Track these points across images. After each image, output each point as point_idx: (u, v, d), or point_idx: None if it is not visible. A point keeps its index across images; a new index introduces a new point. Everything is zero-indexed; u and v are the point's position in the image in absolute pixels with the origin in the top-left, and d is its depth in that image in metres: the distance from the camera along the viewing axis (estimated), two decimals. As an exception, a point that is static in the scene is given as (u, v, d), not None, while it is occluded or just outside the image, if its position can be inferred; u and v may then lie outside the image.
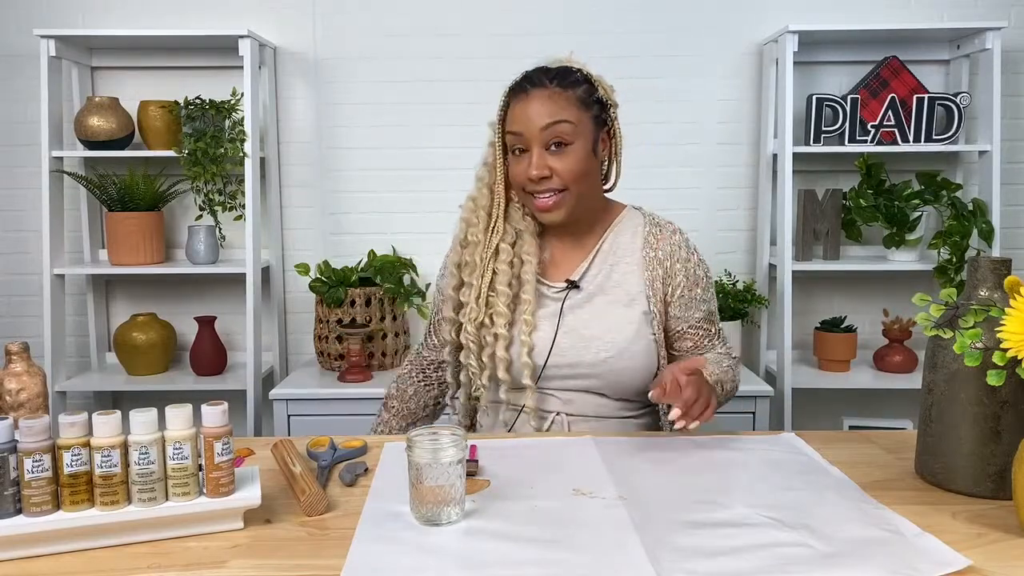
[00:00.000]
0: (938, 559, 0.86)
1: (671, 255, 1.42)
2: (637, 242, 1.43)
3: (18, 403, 1.15)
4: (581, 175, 1.35)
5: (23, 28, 2.44)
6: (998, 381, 0.93)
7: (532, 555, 0.88)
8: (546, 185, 1.34)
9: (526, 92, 1.35)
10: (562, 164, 1.33)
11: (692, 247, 1.45)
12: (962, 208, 2.31)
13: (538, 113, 1.32)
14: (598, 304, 1.40)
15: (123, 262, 2.36)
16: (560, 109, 1.33)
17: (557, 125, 1.32)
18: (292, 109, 2.53)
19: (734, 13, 2.48)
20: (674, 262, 1.42)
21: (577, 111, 1.34)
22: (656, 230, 1.44)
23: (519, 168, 1.35)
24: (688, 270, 1.42)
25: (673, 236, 1.44)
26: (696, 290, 1.42)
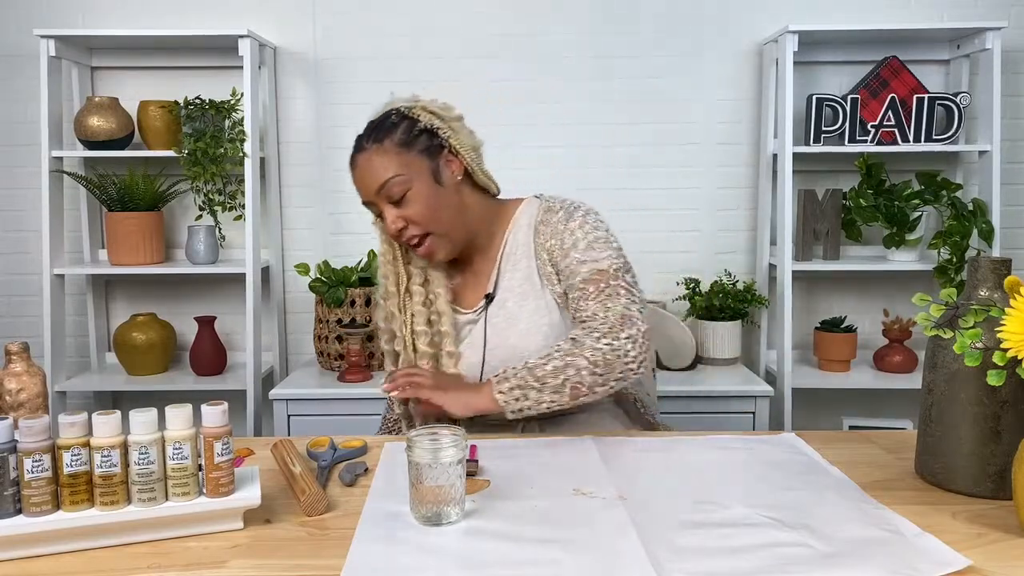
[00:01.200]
0: (938, 559, 0.86)
1: (552, 234, 1.38)
2: (530, 232, 1.41)
3: (18, 403, 1.15)
4: (434, 213, 1.34)
5: (23, 28, 2.44)
6: (998, 381, 0.93)
7: (532, 555, 0.88)
8: (409, 233, 1.35)
9: (354, 161, 1.38)
10: (410, 210, 1.33)
11: (573, 215, 1.38)
12: (962, 208, 2.31)
13: (366, 179, 1.35)
14: (513, 310, 1.38)
15: (123, 262, 2.36)
16: (382, 167, 1.33)
17: (385, 185, 1.33)
18: (292, 109, 2.53)
19: (734, 13, 2.48)
20: (551, 238, 1.37)
21: (400, 158, 1.34)
22: (546, 216, 1.40)
23: (386, 227, 1.38)
24: (564, 240, 1.36)
25: (556, 215, 1.39)
26: (572, 254, 1.35)
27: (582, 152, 2.52)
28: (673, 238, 2.56)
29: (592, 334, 1.26)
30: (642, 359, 1.28)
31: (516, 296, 1.39)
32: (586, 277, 1.32)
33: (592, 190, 2.53)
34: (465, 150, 1.38)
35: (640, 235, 2.55)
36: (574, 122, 2.51)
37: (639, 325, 1.28)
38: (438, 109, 1.39)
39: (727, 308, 2.39)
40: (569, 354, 1.25)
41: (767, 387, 2.22)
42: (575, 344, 1.26)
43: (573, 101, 2.51)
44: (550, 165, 2.52)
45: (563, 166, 2.53)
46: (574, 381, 1.24)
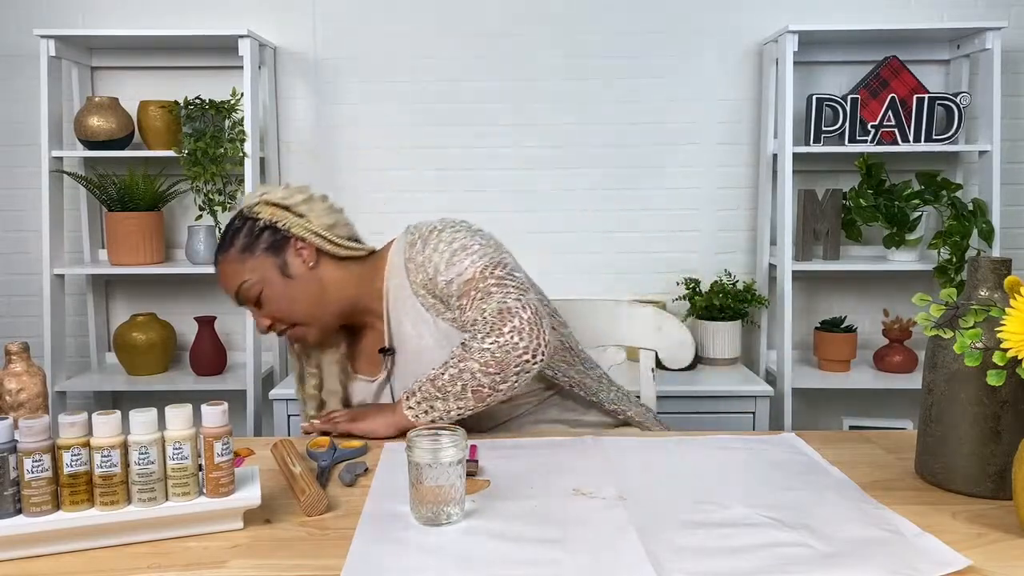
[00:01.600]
0: (938, 559, 0.86)
1: (418, 269, 1.35)
2: (404, 274, 1.38)
3: (18, 403, 1.15)
4: (291, 306, 1.36)
5: (23, 28, 2.44)
6: (998, 381, 0.93)
7: (532, 555, 0.88)
8: (277, 329, 1.38)
9: (215, 268, 1.42)
10: (269, 310, 1.37)
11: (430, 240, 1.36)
12: (962, 208, 2.31)
13: (225, 287, 1.40)
14: (415, 354, 1.37)
15: (123, 262, 2.36)
16: (232, 275, 1.37)
17: (239, 291, 1.37)
18: (292, 109, 2.53)
19: (734, 13, 2.48)
20: (422, 274, 1.35)
21: (245, 264, 1.36)
22: (410, 252, 1.37)
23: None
24: (428, 270, 1.34)
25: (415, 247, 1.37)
26: (439, 279, 1.33)
27: (582, 152, 2.52)
28: (673, 238, 2.56)
29: (476, 336, 1.25)
30: (536, 345, 1.24)
31: (413, 339, 1.37)
32: (459, 292, 1.31)
33: (592, 190, 2.54)
34: (312, 234, 1.37)
35: (640, 235, 2.55)
36: (574, 121, 2.51)
37: (521, 314, 1.24)
38: (280, 200, 1.38)
39: (727, 308, 2.39)
40: (461, 360, 1.24)
41: (767, 387, 2.22)
42: (464, 349, 1.25)
43: (572, 101, 2.51)
44: (550, 165, 2.53)
45: (563, 166, 2.53)
46: (473, 385, 1.24)
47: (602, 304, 1.72)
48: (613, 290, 2.54)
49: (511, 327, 1.24)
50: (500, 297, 1.27)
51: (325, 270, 1.38)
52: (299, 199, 1.39)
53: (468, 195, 2.53)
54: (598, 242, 2.55)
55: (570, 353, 1.47)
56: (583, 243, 2.55)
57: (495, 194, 2.53)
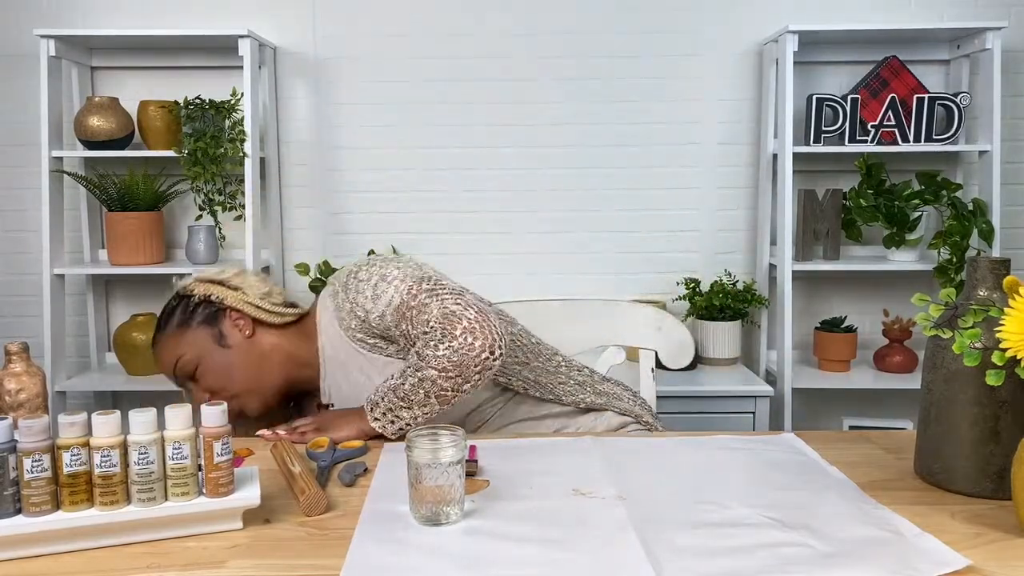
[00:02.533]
0: (938, 559, 0.86)
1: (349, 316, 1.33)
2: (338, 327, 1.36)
3: (18, 403, 1.15)
4: (229, 376, 1.35)
5: (23, 28, 2.44)
6: (997, 381, 0.93)
7: (532, 555, 0.88)
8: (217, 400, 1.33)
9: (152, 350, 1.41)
10: (207, 383, 1.35)
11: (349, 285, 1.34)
12: (962, 208, 2.31)
13: (161, 366, 1.39)
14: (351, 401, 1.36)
15: (123, 262, 2.36)
16: (168, 352, 1.37)
17: (176, 367, 1.36)
18: (292, 109, 2.53)
19: (734, 13, 2.48)
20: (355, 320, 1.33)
21: (182, 339, 1.36)
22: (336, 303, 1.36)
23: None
24: (357, 313, 1.32)
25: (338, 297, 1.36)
26: (372, 317, 1.31)
27: (581, 151, 2.52)
28: (673, 238, 2.56)
29: (429, 344, 1.24)
30: (492, 341, 1.22)
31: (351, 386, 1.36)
32: (395, 321, 1.30)
33: (592, 190, 2.54)
34: (247, 304, 1.38)
35: (640, 235, 2.55)
36: (573, 122, 2.51)
37: (466, 314, 1.23)
38: (214, 275, 1.41)
39: (727, 308, 2.39)
40: (419, 369, 1.23)
41: (767, 387, 2.22)
42: (420, 359, 1.24)
43: (572, 100, 2.51)
44: (549, 165, 2.53)
45: (562, 166, 2.53)
46: (435, 392, 1.23)
47: (602, 304, 1.72)
48: (613, 290, 2.54)
49: (462, 328, 1.22)
50: (438, 305, 1.26)
51: (263, 338, 1.39)
52: (231, 273, 1.42)
53: (468, 195, 2.53)
54: (598, 242, 2.55)
55: (523, 351, 1.44)
56: (583, 243, 2.55)
57: (495, 194, 2.53)
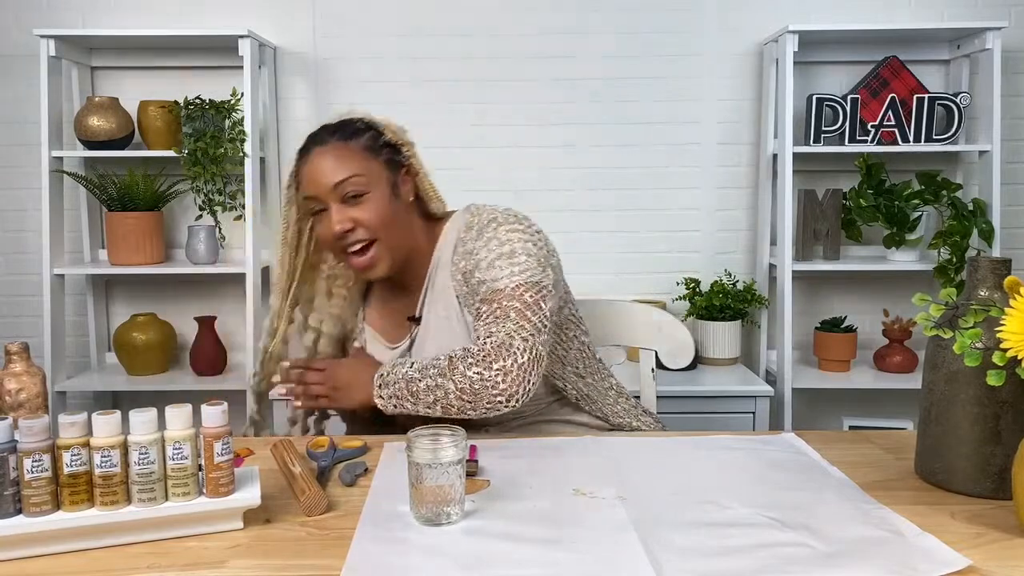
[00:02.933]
0: (938, 559, 0.86)
1: (465, 254, 1.32)
2: (451, 253, 1.35)
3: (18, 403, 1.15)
4: (386, 222, 1.30)
5: (23, 28, 2.44)
6: (998, 381, 0.93)
7: (532, 555, 0.88)
8: (355, 238, 1.29)
9: (310, 153, 1.32)
10: (363, 214, 1.28)
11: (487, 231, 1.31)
12: (962, 208, 2.31)
13: (324, 171, 1.29)
14: (433, 331, 1.35)
15: (123, 262, 2.36)
16: (346, 163, 1.29)
17: (347, 180, 1.28)
18: (292, 109, 2.53)
19: (734, 13, 2.48)
20: (468, 260, 1.32)
21: (364, 161, 1.30)
22: (465, 233, 1.35)
23: (324, 228, 1.31)
24: (471, 260, 1.30)
25: (471, 231, 1.34)
26: (476, 274, 1.29)
27: (581, 152, 2.52)
28: (673, 238, 2.56)
29: (466, 359, 1.21)
30: (514, 392, 1.19)
31: (439, 322, 1.35)
32: (484, 297, 1.27)
33: (592, 190, 2.54)
34: (423, 173, 1.38)
35: (640, 235, 2.55)
36: (573, 121, 2.51)
37: (517, 356, 1.19)
38: (398, 129, 1.38)
39: (727, 308, 2.39)
40: (441, 375, 1.21)
41: (767, 387, 2.22)
42: (449, 366, 1.21)
43: (572, 101, 2.51)
44: (549, 164, 2.52)
45: (562, 166, 2.53)
46: (444, 403, 1.21)
47: (602, 304, 1.72)
48: (613, 290, 2.54)
49: (500, 366, 1.19)
50: (513, 328, 1.22)
51: (413, 211, 1.37)
52: (410, 139, 1.39)
53: (468, 195, 2.48)
54: (598, 242, 2.56)
55: (584, 363, 1.45)
56: (583, 243, 2.55)
57: (495, 194, 2.51)
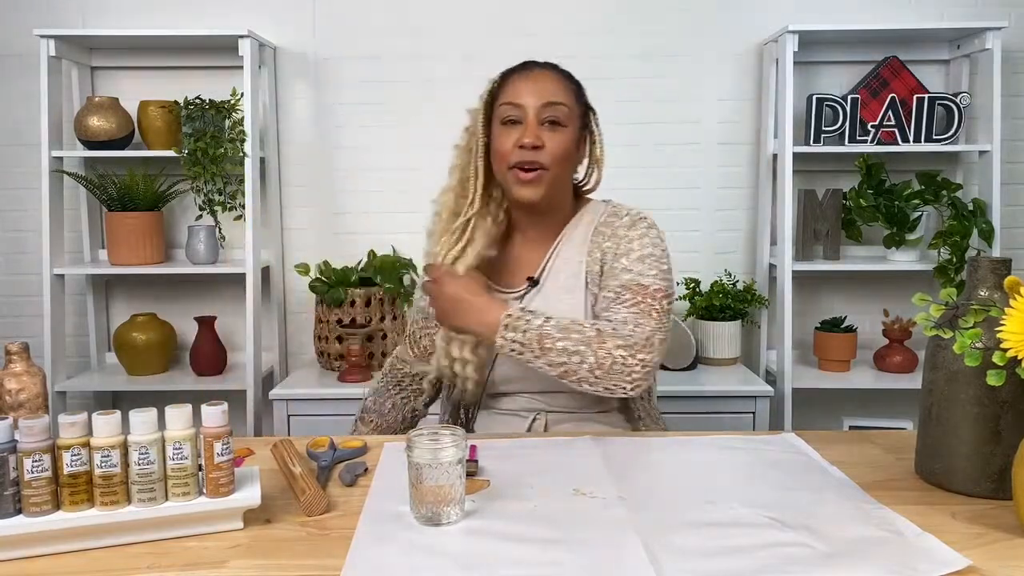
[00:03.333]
0: (938, 559, 0.86)
1: (611, 237, 1.39)
2: (589, 230, 1.42)
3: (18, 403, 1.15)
4: (565, 158, 1.37)
5: (23, 28, 2.44)
6: (998, 381, 0.93)
7: (532, 555, 0.88)
8: (534, 156, 1.33)
9: (530, 70, 1.39)
10: (553, 142, 1.34)
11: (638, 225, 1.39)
12: (962, 208, 2.31)
13: (540, 90, 1.35)
14: (552, 302, 1.38)
15: (123, 262, 2.36)
16: (560, 91, 1.37)
17: (557, 105, 1.35)
18: (292, 109, 2.53)
19: (734, 13, 2.48)
20: (612, 243, 1.38)
21: (572, 100, 1.38)
22: (610, 219, 1.41)
23: (509, 139, 1.35)
24: (619, 246, 1.37)
25: (621, 219, 1.41)
26: (622, 260, 1.35)
27: (582, 152, 2.52)
28: (673, 238, 2.54)
29: (615, 339, 1.24)
30: (639, 384, 1.26)
31: (558, 290, 1.40)
32: (625, 284, 1.32)
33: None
34: (600, 142, 1.44)
35: (640, 235, 2.55)
36: (574, 122, 2.51)
37: (655, 355, 1.27)
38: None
39: (727, 308, 2.39)
40: (586, 344, 1.23)
41: (767, 387, 2.22)
42: (597, 337, 1.24)
43: (573, 101, 2.50)
44: (550, 165, 2.52)
45: (563, 166, 2.52)
46: (572, 367, 1.23)
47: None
48: (613, 290, 2.54)
49: (642, 358, 1.25)
50: (656, 326, 1.28)
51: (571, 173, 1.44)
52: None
53: (468, 195, 2.52)
54: (598, 242, 2.55)
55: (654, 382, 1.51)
56: (583, 243, 2.55)
57: (495, 194, 2.53)
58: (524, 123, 1.35)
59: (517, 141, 1.34)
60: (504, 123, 1.37)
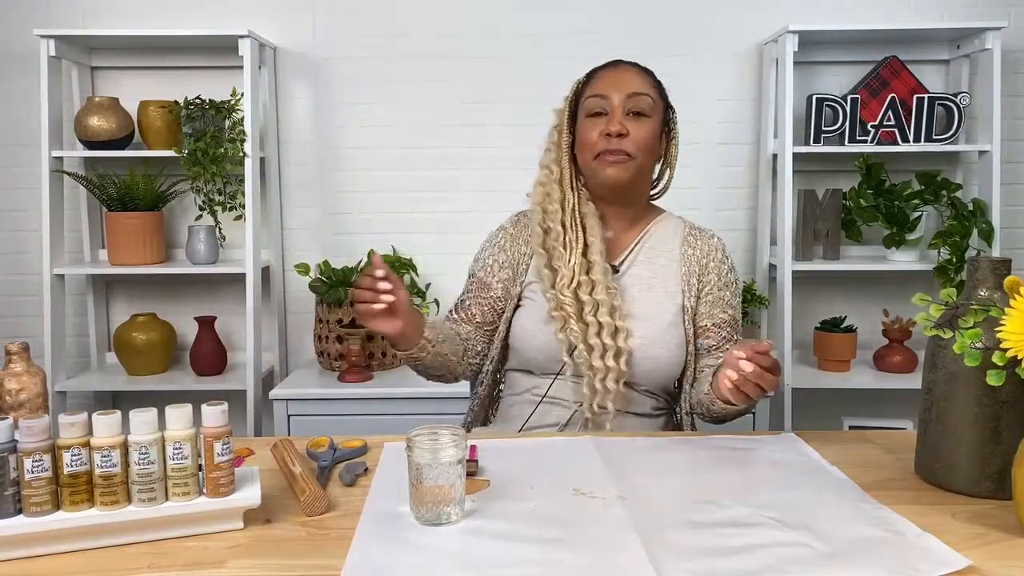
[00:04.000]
0: (938, 559, 0.86)
1: (708, 254, 1.49)
2: (677, 240, 1.50)
3: (18, 403, 1.15)
4: (649, 148, 1.43)
5: (23, 28, 2.44)
6: (998, 381, 0.93)
7: (532, 555, 0.88)
8: (619, 144, 1.39)
9: (616, 65, 1.47)
10: (638, 131, 1.40)
11: (728, 254, 1.52)
12: (962, 208, 2.31)
13: (627, 82, 1.43)
14: (635, 293, 1.44)
15: (123, 262, 2.36)
16: (644, 84, 1.44)
17: (642, 96, 1.42)
18: (292, 109, 2.53)
19: (734, 13, 2.48)
20: (709, 261, 1.48)
21: (656, 94, 1.45)
22: (696, 232, 1.52)
23: (595, 129, 1.41)
24: (722, 272, 1.48)
25: (711, 239, 1.52)
26: (726, 292, 1.48)
27: (582, 152, 2.52)
28: (673, 238, 2.55)
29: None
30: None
31: (642, 283, 1.45)
32: (728, 320, 1.46)
33: (592, 190, 2.53)
34: (677, 141, 1.51)
35: (640, 235, 2.55)
36: (574, 122, 2.51)
37: None
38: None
39: (727, 308, 2.39)
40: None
41: (767, 387, 2.22)
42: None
43: (573, 101, 2.50)
44: (550, 165, 2.52)
45: (563, 166, 2.52)
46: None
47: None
48: (613, 290, 2.54)
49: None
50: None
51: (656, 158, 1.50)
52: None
53: (468, 195, 2.53)
54: (598, 242, 2.55)
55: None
56: (583, 243, 2.55)
57: (495, 194, 2.52)
58: (610, 113, 1.41)
59: (603, 131, 1.40)
60: (590, 116, 1.43)
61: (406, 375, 2.35)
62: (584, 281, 1.39)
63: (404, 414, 2.16)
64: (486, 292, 1.50)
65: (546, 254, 1.44)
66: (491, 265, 1.52)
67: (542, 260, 1.44)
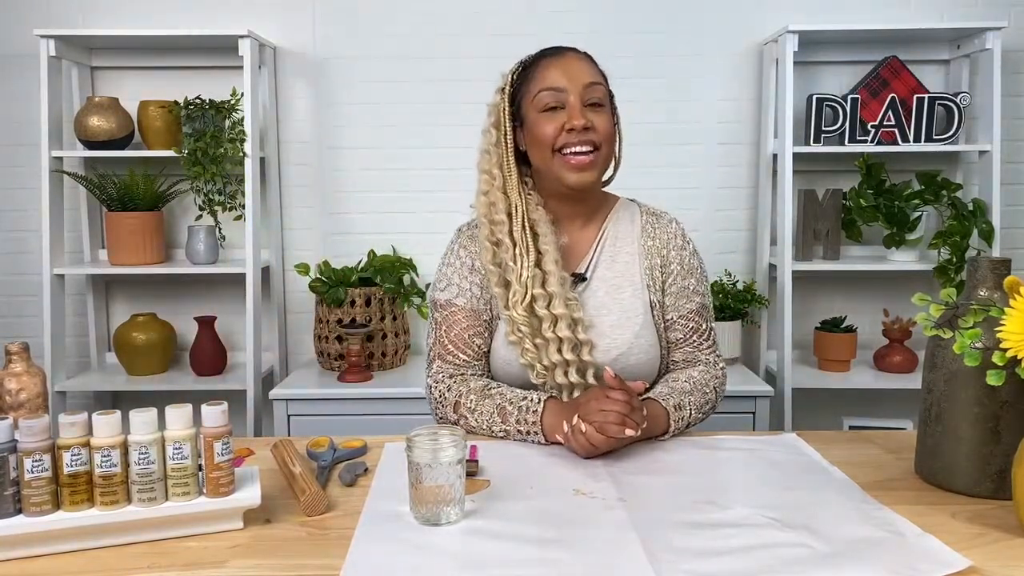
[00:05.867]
0: (938, 559, 0.86)
1: (667, 243, 1.42)
2: (635, 231, 1.43)
3: (18, 403, 1.15)
4: (611, 138, 1.36)
5: (23, 28, 2.44)
6: (998, 381, 0.93)
7: (532, 555, 0.88)
8: (585, 137, 1.31)
9: (562, 54, 1.37)
10: (600, 121, 1.33)
11: (688, 238, 1.46)
12: (962, 208, 2.31)
13: (580, 72, 1.34)
14: (602, 297, 1.38)
15: (123, 262, 2.36)
16: (596, 73, 1.37)
17: (597, 86, 1.34)
18: (292, 109, 2.53)
19: (734, 13, 2.48)
20: (669, 251, 1.42)
21: (605, 81, 1.38)
22: (653, 219, 1.45)
23: (553, 125, 1.32)
24: (683, 259, 1.42)
25: (669, 225, 1.45)
26: (690, 280, 1.42)
27: (582, 152, 2.52)
28: (673, 238, 2.55)
29: (721, 388, 1.44)
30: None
31: (609, 286, 1.39)
32: (695, 310, 1.42)
33: (592, 190, 2.53)
34: (620, 133, 1.43)
35: (640, 235, 2.55)
36: (574, 122, 2.51)
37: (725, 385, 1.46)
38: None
39: (727, 308, 2.39)
40: (711, 405, 1.41)
41: (767, 387, 2.22)
42: (716, 395, 1.42)
43: (573, 101, 2.50)
44: (550, 165, 2.52)
45: (563, 166, 2.52)
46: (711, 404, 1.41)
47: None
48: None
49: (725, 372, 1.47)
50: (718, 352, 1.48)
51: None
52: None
53: (468, 195, 2.51)
54: (598, 242, 2.55)
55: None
56: (583, 243, 2.55)
57: (495, 194, 2.53)
58: (568, 107, 1.32)
59: (565, 125, 1.31)
60: (544, 111, 1.33)
61: (406, 375, 2.35)
62: (539, 295, 1.30)
63: (404, 414, 2.16)
64: (478, 319, 1.39)
65: (498, 270, 1.34)
66: (468, 290, 1.40)
67: (494, 277, 1.34)
